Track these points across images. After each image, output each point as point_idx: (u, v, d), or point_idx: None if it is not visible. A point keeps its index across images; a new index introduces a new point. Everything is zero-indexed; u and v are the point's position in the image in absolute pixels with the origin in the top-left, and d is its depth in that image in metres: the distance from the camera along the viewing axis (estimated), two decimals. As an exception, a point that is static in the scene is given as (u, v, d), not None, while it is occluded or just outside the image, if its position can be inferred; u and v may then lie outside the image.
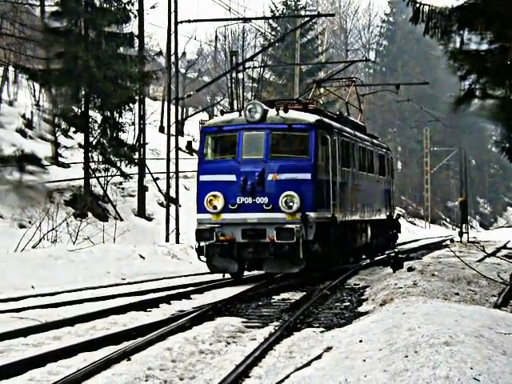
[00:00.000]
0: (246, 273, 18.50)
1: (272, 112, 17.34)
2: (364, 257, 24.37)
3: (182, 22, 28.38)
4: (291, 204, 16.66)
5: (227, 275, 17.97)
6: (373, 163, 23.92)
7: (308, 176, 16.97)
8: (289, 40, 45.91)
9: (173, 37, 28.60)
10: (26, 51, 31.60)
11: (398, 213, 29.29)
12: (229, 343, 10.27)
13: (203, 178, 17.55)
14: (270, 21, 54.05)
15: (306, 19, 36.72)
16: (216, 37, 52.73)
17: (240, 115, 17.50)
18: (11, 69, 33.58)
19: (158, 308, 13.66)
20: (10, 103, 34.82)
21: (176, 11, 28.27)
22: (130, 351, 9.13)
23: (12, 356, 9.18)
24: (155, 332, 10.30)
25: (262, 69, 47.80)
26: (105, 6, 28.96)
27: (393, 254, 19.57)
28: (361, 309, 13.35)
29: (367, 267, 22.27)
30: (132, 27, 31.50)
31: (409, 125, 78.60)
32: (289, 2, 55.90)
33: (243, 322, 11.90)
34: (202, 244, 17.12)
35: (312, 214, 16.79)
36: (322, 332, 10.98)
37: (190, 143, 47.20)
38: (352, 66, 54.30)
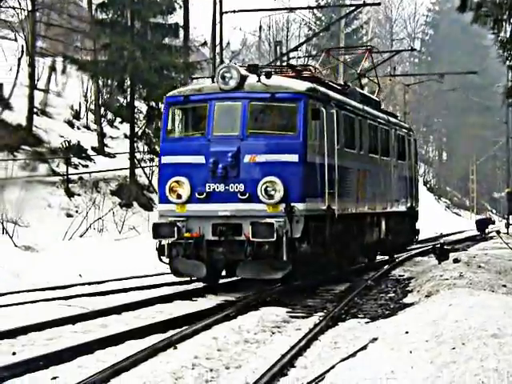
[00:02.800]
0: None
1: (252, 78, 13.91)
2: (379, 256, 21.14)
3: (226, 13, 28.41)
4: (272, 192, 13.30)
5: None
6: (389, 145, 19.94)
7: (295, 157, 13.51)
8: (333, 30, 45.65)
9: (218, 27, 28.67)
10: (73, 42, 31.99)
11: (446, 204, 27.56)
12: (274, 333, 10.32)
13: (165, 159, 14.23)
14: (315, 10, 53.80)
15: (351, 8, 36.47)
16: (260, 27, 52.53)
17: (213, 82, 14.36)
18: (59, 60, 33.98)
19: (204, 298, 13.76)
20: (59, 94, 35.24)
21: (221, 1, 28.33)
22: (177, 340, 9.23)
23: (62, 343, 9.34)
24: (201, 321, 10.38)
25: (306, 59, 47.62)
26: (151, -4, 29.13)
27: (438, 246, 19.37)
28: (406, 300, 13.29)
29: (410, 259, 22.13)
30: (177, 18, 31.60)
31: (455, 114, 77.70)
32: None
33: (288, 312, 11.94)
34: (164, 242, 13.93)
35: (299, 205, 13.36)
36: (367, 323, 10.97)
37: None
38: (397, 56, 53.76)
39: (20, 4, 29.11)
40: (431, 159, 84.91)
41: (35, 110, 29.42)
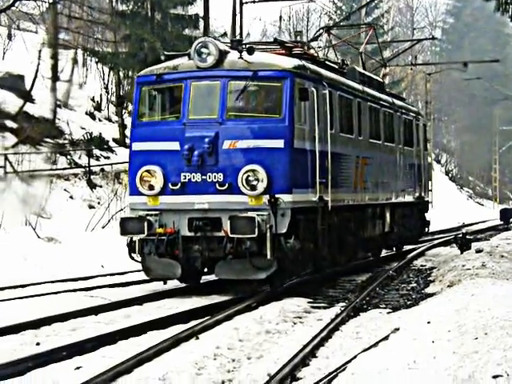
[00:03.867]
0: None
1: (233, 55, 12.61)
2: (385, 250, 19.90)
3: (246, 3, 28.39)
4: (255, 183, 12.05)
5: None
6: (393, 130, 18.45)
7: (280, 143, 12.23)
8: (354, 19, 45.45)
9: (237, 18, 28.65)
10: (94, 34, 32.06)
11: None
12: (295, 323, 10.34)
13: (136, 146, 12.92)
14: (335, 0, 53.59)
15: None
16: (280, 17, 52.43)
17: (190, 59, 12.74)
18: (80, 52, 34.10)
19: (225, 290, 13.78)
20: (80, 86, 35.41)
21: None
22: (199, 330, 9.27)
23: (85, 333, 9.41)
24: (223, 312, 10.41)
25: (326, 48, 47.44)
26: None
27: (460, 235, 19.26)
28: (428, 290, 13.26)
29: (431, 248, 22.06)
30: (197, 9, 31.62)
31: (477, 103, 77.16)
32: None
33: (309, 303, 11.97)
34: (136, 238, 12.56)
35: (285, 197, 12.06)
36: (388, 313, 10.96)
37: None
38: (418, 45, 53.42)
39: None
40: (453, 148, 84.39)
41: (58, 102, 29.57)
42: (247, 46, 12.89)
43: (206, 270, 12.92)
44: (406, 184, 19.48)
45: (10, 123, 26.38)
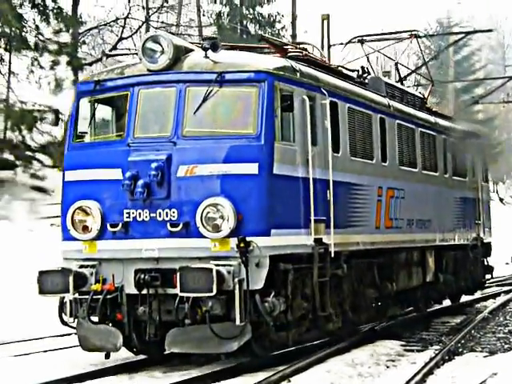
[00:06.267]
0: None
1: (195, 54, 10.00)
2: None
3: (334, 45, 28.51)
4: (218, 221, 9.19)
5: None
6: (436, 156, 15.06)
7: (253, 168, 9.35)
8: (442, 57, 45.13)
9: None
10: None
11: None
12: (388, 367, 10.18)
13: (69, 175, 10.14)
14: (423, 39, 53.37)
15: (460, 36, 35.87)
16: (367, 57, 52.58)
17: (141, 61, 9.93)
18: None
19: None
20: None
21: (328, 34, 28.48)
22: (290, 373, 9.21)
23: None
24: (314, 354, 10.33)
25: (415, 87, 47.13)
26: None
27: None
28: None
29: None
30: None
31: None
32: (441, 20, 55.05)
33: (402, 345, 11.78)
34: (67, 297, 9.75)
35: (261, 240, 9.17)
36: (485, 357, 10.66)
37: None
38: (510, 82, 52.54)
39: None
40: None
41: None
42: (213, 40, 9.88)
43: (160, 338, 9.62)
44: (457, 223, 16.08)
45: None
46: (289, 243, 9.65)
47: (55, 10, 26.99)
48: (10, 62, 26.69)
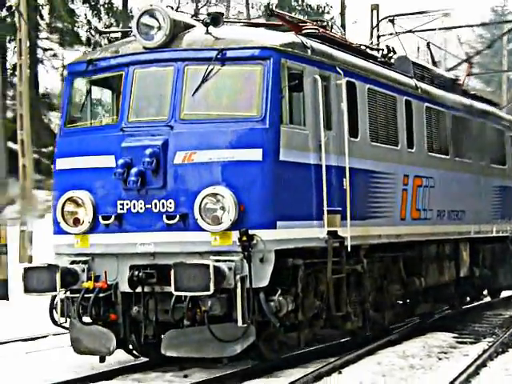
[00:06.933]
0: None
1: (196, 30, 9.23)
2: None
3: (384, 35, 28.27)
4: (218, 213, 8.41)
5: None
6: (471, 142, 14.03)
7: (256, 154, 8.56)
8: (497, 46, 44.45)
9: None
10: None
11: None
12: (440, 359, 10.11)
13: (60, 163, 9.40)
14: (475, 28, 52.59)
15: (514, 24, 35.23)
16: (418, 48, 51.92)
17: (136, 38, 9.14)
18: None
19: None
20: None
21: (377, 25, 28.25)
22: (341, 365, 9.21)
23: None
24: (365, 346, 10.29)
25: (467, 77, 46.50)
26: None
27: None
28: None
29: None
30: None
31: None
32: (495, 8, 54.20)
33: (454, 338, 11.69)
34: (60, 295, 8.97)
35: (265, 233, 8.41)
36: (540, 349, 10.50)
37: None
38: None
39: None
40: None
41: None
42: (214, 14, 9.00)
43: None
44: (495, 213, 15.07)
45: None
46: (298, 236, 8.81)
47: (106, 5, 27.33)
48: (63, 57, 27.09)
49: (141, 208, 8.67)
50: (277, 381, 8.59)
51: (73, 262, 8.96)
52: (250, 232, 8.24)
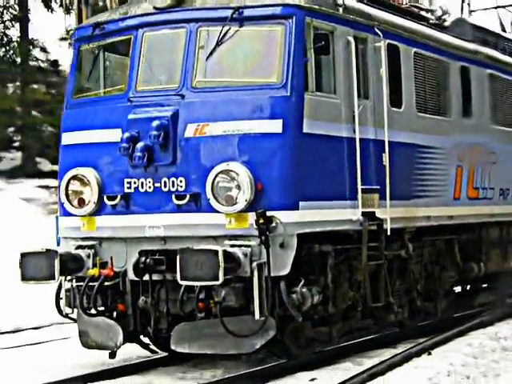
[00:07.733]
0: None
1: None
2: None
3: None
4: (233, 192, 7.57)
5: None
6: None
7: (276, 125, 7.66)
8: None
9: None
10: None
11: None
12: (535, 341, 9.89)
13: (66, 138, 8.65)
14: None
15: None
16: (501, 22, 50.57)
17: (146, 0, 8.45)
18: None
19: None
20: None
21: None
22: (430, 346, 9.15)
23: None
24: (455, 328, 10.18)
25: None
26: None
27: None
28: None
29: None
30: None
31: None
32: None
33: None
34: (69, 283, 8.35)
35: (286, 215, 7.56)
36: None
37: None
38: None
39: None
40: None
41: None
42: None
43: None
44: None
45: None
46: (326, 219, 7.88)
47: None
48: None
49: (149, 187, 7.93)
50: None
51: (79, 247, 8.29)
52: (268, 213, 7.43)
